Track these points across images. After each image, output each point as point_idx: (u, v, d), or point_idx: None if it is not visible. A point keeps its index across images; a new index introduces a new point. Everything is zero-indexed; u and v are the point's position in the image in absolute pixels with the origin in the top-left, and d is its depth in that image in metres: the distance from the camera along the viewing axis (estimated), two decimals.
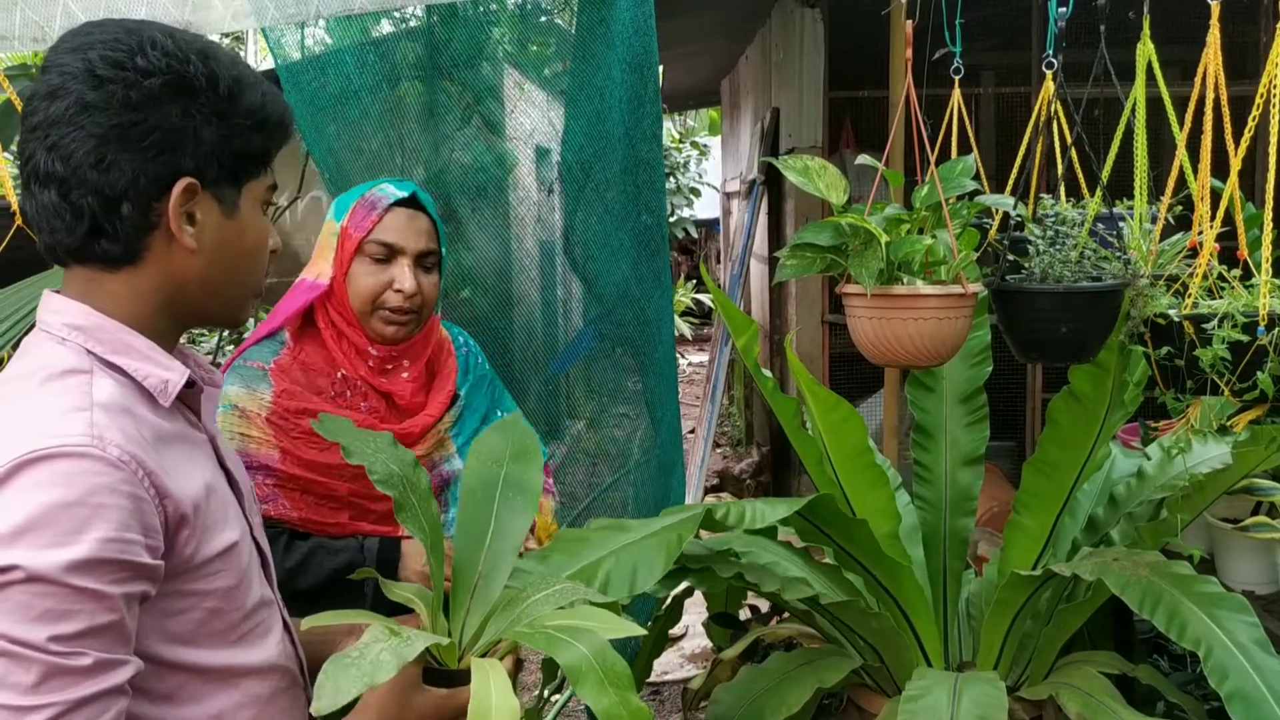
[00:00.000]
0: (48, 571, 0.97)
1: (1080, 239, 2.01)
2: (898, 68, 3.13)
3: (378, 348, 1.88)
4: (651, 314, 2.79)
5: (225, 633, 1.17)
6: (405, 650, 1.15)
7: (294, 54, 2.58)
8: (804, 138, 5.58)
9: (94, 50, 1.08)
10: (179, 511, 1.09)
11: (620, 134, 2.58)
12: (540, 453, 1.61)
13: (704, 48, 7.03)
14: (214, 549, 1.14)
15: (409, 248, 1.87)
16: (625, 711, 1.19)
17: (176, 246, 1.13)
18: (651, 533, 1.89)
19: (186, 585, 1.12)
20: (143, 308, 1.15)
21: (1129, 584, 1.82)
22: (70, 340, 1.11)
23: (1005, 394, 5.42)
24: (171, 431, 1.15)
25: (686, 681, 3.41)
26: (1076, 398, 2.23)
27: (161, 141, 1.09)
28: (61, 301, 1.14)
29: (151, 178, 1.10)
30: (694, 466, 5.36)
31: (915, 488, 2.54)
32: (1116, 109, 2.13)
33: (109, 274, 1.13)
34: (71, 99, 1.07)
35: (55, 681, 0.97)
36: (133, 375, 1.12)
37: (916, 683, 1.90)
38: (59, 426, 1.03)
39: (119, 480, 1.02)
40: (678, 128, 15.50)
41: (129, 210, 1.10)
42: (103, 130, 1.07)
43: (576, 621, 1.31)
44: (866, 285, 1.94)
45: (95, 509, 1.00)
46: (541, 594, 1.41)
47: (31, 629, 0.97)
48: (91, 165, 1.08)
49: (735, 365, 7.79)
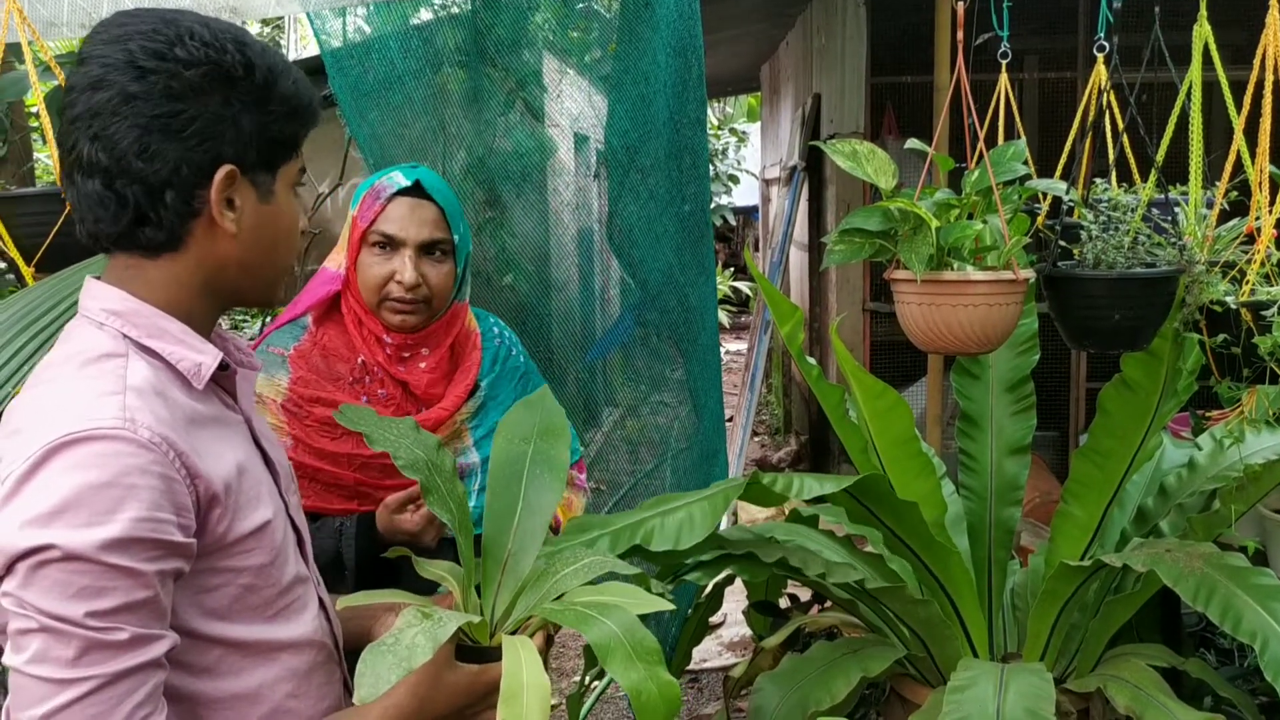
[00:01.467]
0: (83, 550, 1.00)
1: (1134, 224, 1.98)
2: (943, 52, 3.10)
3: (393, 336, 1.87)
4: (695, 301, 2.77)
5: (261, 608, 1.20)
6: (439, 632, 1.16)
7: (336, 41, 2.59)
8: (845, 124, 5.53)
9: (134, 41, 1.10)
10: (210, 491, 1.12)
11: (665, 119, 2.57)
12: (568, 429, 1.60)
13: (744, 33, 6.99)
14: (247, 527, 1.17)
15: (410, 238, 1.83)
16: (654, 686, 1.20)
17: (217, 231, 1.16)
18: (699, 498, 1.90)
19: (220, 562, 1.15)
20: (180, 292, 1.18)
21: (1182, 576, 1.79)
22: (108, 325, 1.14)
23: (1048, 383, 5.35)
24: (204, 413, 1.17)
25: (726, 670, 3.40)
26: (1128, 386, 2.19)
27: (203, 130, 1.12)
28: (100, 288, 1.17)
29: (194, 166, 1.12)
30: (733, 454, 5.35)
31: (960, 477, 2.52)
32: (1166, 92, 2.09)
33: (149, 260, 1.16)
34: (114, 90, 1.09)
35: (94, 655, 1.01)
36: (167, 359, 1.15)
37: (962, 673, 1.88)
38: (93, 410, 1.06)
39: (150, 461, 1.05)
40: (717, 114, 15.43)
41: (172, 198, 1.12)
42: (146, 120, 1.09)
43: (605, 598, 1.31)
44: (916, 271, 1.91)
45: (128, 489, 1.03)
46: (570, 568, 1.42)
47: (70, 605, 1.00)
48: (136, 155, 1.10)
49: (774, 353, 7.76)
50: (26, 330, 1.81)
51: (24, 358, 1.76)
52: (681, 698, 1.25)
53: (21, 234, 2.11)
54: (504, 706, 1.17)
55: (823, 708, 2.02)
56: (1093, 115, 2.15)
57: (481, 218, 2.67)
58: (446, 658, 1.29)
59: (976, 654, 2.25)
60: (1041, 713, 1.73)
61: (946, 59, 3.06)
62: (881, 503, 2.01)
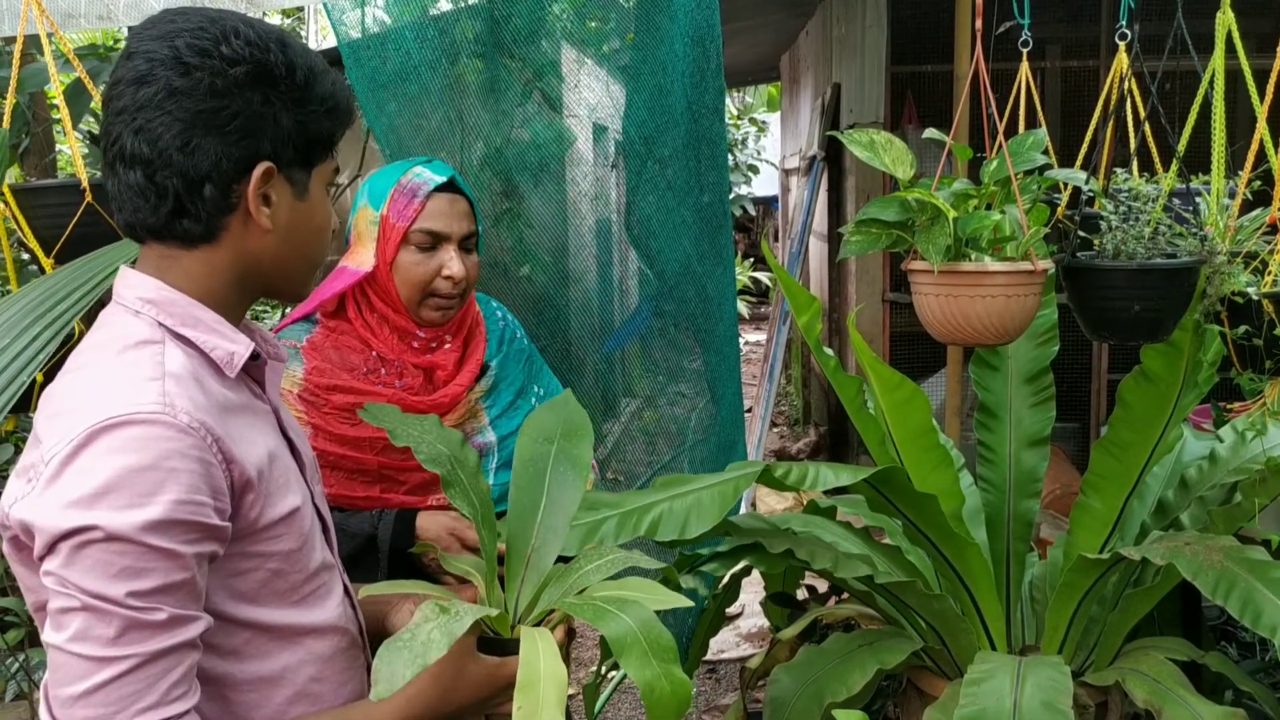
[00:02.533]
0: (125, 531, 1.03)
1: (1154, 215, 1.96)
2: (963, 41, 3.07)
3: (425, 330, 1.89)
4: (713, 291, 2.76)
5: (288, 593, 1.23)
6: (454, 626, 1.18)
7: (354, 32, 2.59)
8: (865, 113, 5.51)
9: (180, 38, 1.13)
10: (244, 476, 1.14)
11: (683, 108, 2.56)
12: (591, 429, 1.61)
13: (763, 23, 6.95)
14: (277, 513, 1.19)
15: (454, 233, 1.86)
16: (667, 684, 1.21)
17: (253, 226, 1.19)
18: (708, 484, 1.89)
19: (251, 547, 1.18)
20: (214, 283, 1.20)
21: (1202, 569, 1.77)
22: (144, 313, 1.17)
23: (1069, 374, 5.33)
24: (236, 401, 1.20)
25: (743, 660, 3.40)
26: (1148, 378, 2.17)
27: (244, 127, 1.15)
28: (136, 277, 1.20)
29: (233, 161, 1.15)
30: (751, 445, 5.34)
31: (978, 469, 2.51)
32: (1188, 81, 2.07)
33: (185, 251, 1.19)
34: (160, 85, 1.12)
35: (134, 634, 1.04)
36: (201, 347, 1.18)
37: (979, 666, 1.88)
38: (133, 395, 1.08)
39: (189, 445, 1.07)
40: (736, 104, 15.38)
41: (211, 191, 1.15)
42: (189, 115, 1.13)
43: (624, 593, 1.32)
44: (933, 262, 1.90)
45: (168, 473, 1.05)
46: (593, 564, 1.43)
47: (111, 585, 1.03)
48: (178, 148, 1.13)
49: (793, 344, 7.74)
50: (44, 318, 1.82)
51: (40, 345, 1.78)
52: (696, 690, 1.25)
53: (41, 225, 2.12)
54: (520, 695, 1.18)
55: (839, 699, 2.02)
56: (1114, 104, 2.13)
57: (499, 209, 2.66)
58: (469, 649, 1.32)
59: (994, 646, 2.24)
60: (1059, 706, 1.73)
61: (967, 48, 3.03)
62: (899, 494, 2.00)
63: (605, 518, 1.87)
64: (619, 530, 1.85)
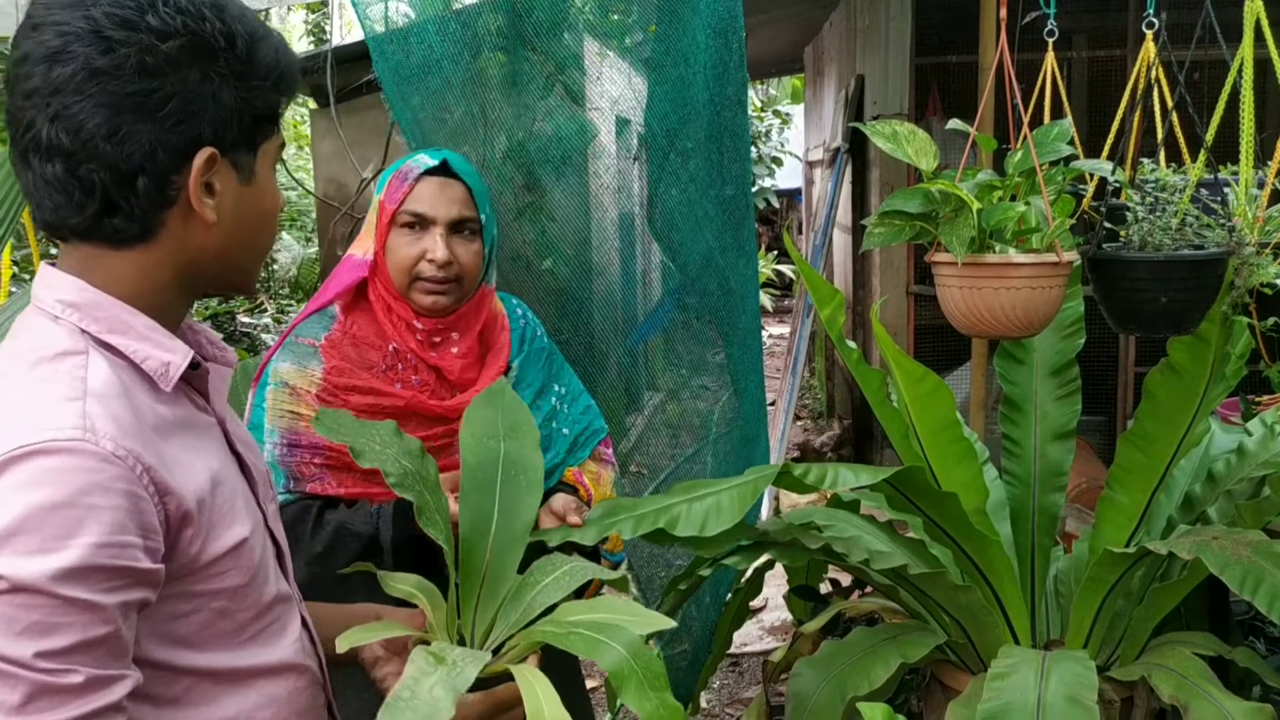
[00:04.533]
0: (34, 581, 0.89)
1: (1181, 205, 1.94)
2: (988, 31, 3.05)
3: (424, 320, 1.88)
4: (736, 284, 2.76)
5: (235, 633, 1.09)
6: (458, 681, 1.14)
7: (378, 26, 2.60)
8: (889, 105, 5.48)
9: (98, 7, 0.97)
10: (181, 509, 1.00)
11: (705, 100, 2.55)
12: (534, 426, 1.54)
13: (787, 14, 6.93)
14: (221, 547, 1.05)
15: (440, 216, 1.85)
16: (665, 713, 1.20)
17: (195, 220, 1.05)
18: (727, 487, 1.89)
19: (192, 586, 1.04)
20: (147, 284, 1.05)
21: (1229, 564, 1.76)
22: (64, 319, 1.02)
23: (1095, 367, 5.28)
24: (174, 418, 1.06)
25: (765, 654, 3.40)
26: (1175, 371, 2.16)
27: (180, 110, 1.00)
28: (56, 276, 1.04)
29: (170, 149, 1.00)
30: (774, 439, 5.33)
31: (1003, 462, 2.49)
32: (1216, 70, 2.05)
33: (113, 251, 1.04)
34: (78, 63, 0.96)
35: (43, 701, 0.89)
36: (130, 357, 1.03)
37: (1003, 660, 1.87)
38: (48, 419, 0.94)
39: (113, 477, 0.93)
40: (759, 96, 15.33)
41: (145, 185, 1.00)
42: (116, 99, 0.97)
43: (605, 617, 1.28)
44: (957, 254, 1.89)
45: (87, 510, 0.91)
46: (549, 578, 1.37)
47: (17, 644, 0.88)
48: (104, 137, 0.98)
49: (816, 337, 7.72)
50: None
51: None
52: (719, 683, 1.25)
53: None
54: None
55: (862, 693, 2.01)
56: (1141, 93, 2.11)
57: (521, 202, 2.67)
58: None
59: (1018, 641, 2.23)
60: (1083, 700, 1.72)
61: (992, 38, 3.01)
62: (920, 493, 1.99)
63: (622, 520, 1.85)
64: (635, 527, 1.83)
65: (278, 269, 8.25)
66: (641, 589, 2.96)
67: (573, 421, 2.03)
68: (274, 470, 1.81)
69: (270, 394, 1.83)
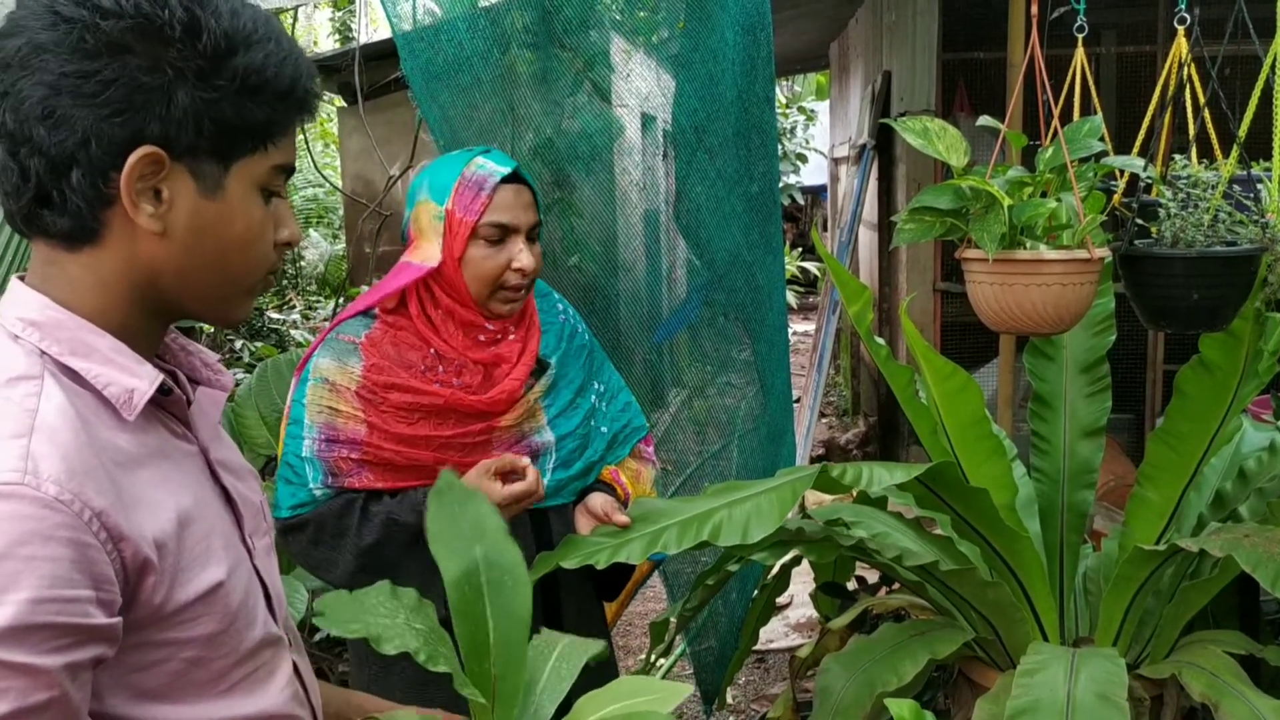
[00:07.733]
0: None
1: (1214, 202, 1.93)
2: (1017, 27, 3.04)
3: (493, 323, 1.89)
4: (763, 280, 2.76)
5: (212, 682, 0.99)
6: None
7: (407, 24, 2.61)
8: (916, 101, 5.46)
9: None
10: (140, 555, 0.90)
11: (733, 97, 2.55)
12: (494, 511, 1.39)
13: (812, 10, 6.91)
14: (192, 592, 0.95)
15: (522, 225, 1.85)
16: None
17: (138, 227, 0.94)
18: (767, 489, 1.88)
19: (158, 635, 0.94)
20: (107, 299, 0.96)
21: (1261, 561, 1.75)
22: (24, 338, 0.93)
23: (1124, 364, 5.25)
24: (139, 450, 0.95)
25: (792, 650, 3.40)
26: (1207, 368, 2.15)
27: (123, 99, 0.90)
28: (21, 291, 0.96)
29: (106, 141, 0.90)
30: (800, 436, 5.33)
31: (1032, 459, 2.49)
32: (1249, 65, 2.03)
33: (68, 254, 0.95)
34: (24, 38, 0.89)
35: None
36: (92, 383, 0.94)
37: (1032, 657, 1.87)
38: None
39: (56, 525, 0.84)
40: (785, 93, 15.30)
41: (79, 178, 0.91)
42: (54, 79, 0.89)
43: (626, 706, 1.19)
44: (988, 250, 1.88)
45: (25, 562, 0.82)
46: (548, 665, 1.30)
47: None
48: (39, 118, 0.89)
49: (842, 334, 7.71)
50: None
51: None
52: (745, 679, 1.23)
53: None
54: None
55: (889, 689, 2.01)
56: (1173, 89, 2.10)
57: (550, 198, 2.68)
58: None
59: (1047, 638, 2.23)
60: (1113, 697, 1.71)
61: (1020, 34, 3.00)
62: (949, 490, 1.99)
63: (664, 527, 1.85)
64: (680, 538, 1.81)
65: (305, 265, 8.30)
66: (668, 583, 2.97)
67: (611, 419, 2.03)
68: (313, 464, 1.82)
69: (310, 389, 1.85)
